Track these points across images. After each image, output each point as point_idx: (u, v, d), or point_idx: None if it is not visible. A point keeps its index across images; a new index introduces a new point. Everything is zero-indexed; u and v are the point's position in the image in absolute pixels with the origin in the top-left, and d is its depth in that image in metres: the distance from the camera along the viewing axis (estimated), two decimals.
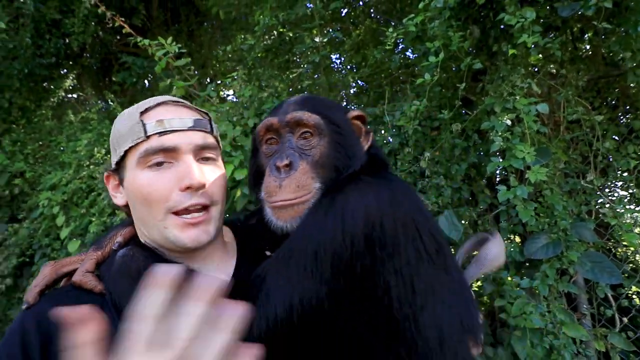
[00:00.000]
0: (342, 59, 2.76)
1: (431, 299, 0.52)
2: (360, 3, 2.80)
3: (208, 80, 5.38)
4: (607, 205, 1.64)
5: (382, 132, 1.96)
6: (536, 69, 1.89)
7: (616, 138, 1.88)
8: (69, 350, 0.38)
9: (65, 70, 4.25)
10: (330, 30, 2.60)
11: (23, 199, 3.32)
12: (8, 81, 3.24)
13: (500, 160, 1.51)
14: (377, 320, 0.53)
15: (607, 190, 1.74)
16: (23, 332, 0.58)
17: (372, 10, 2.79)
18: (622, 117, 2.12)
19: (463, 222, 1.76)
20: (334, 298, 0.50)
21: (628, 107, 2.11)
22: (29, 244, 3.19)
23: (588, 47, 2.12)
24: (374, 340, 0.54)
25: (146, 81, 4.78)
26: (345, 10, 2.68)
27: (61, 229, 2.84)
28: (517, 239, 1.85)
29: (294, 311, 0.48)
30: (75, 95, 4.80)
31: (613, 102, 2.17)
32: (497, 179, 2.00)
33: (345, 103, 2.50)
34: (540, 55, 1.62)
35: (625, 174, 1.81)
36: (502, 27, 1.64)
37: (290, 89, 2.33)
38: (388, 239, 0.51)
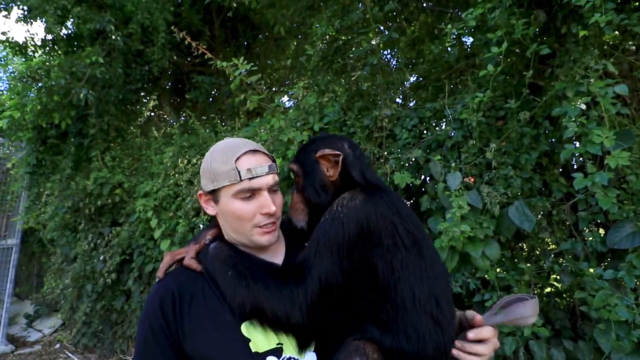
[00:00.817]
0: (397, 56, 2.79)
1: (406, 274, 0.77)
2: None
3: (264, 88, 5.69)
4: None
5: (444, 125, 1.97)
6: (613, 47, 1.77)
7: None
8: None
9: (145, 93, 4.85)
10: (384, 30, 2.65)
11: (122, 206, 3.81)
12: (106, 107, 3.80)
13: (575, 146, 1.45)
14: (370, 287, 0.79)
15: None
16: (159, 297, 0.85)
17: (424, 5, 2.78)
18: None
19: (536, 212, 1.71)
20: (343, 273, 0.78)
21: None
22: (128, 244, 3.66)
23: None
24: (368, 301, 0.79)
25: (213, 95, 5.21)
26: (399, 7, 2.71)
27: (154, 230, 3.23)
28: (601, 230, 1.75)
29: (322, 281, 0.78)
30: (155, 114, 5.43)
31: None
32: (574, 167, 1.90)
33: (402, 100, 2.54)
34: (617, 33, 1.52)
35: None
36: (570, 7, 1.57)
37: (349, 92, 2.43)
38: (373, 234, 0.78)
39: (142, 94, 4.77)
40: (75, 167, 3.98)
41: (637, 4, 1.86)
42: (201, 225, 2.89)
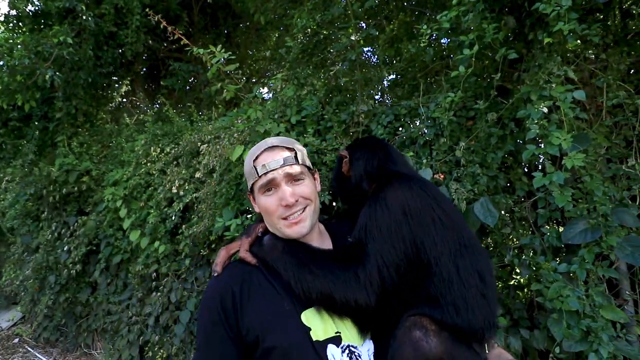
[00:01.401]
0: (376, 53, 2.83)
1: (447, 249, 0.82)
2: None
3: (244, 79, 5.63)
4: None
5: (418, 123, 2.03)
6: (575, 54, 1.88)
7: None
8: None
9: (117, 78, 4.66)
10: (364, 26, 2.68)
11: (89, 194, 3.67)
12: (74, 90, 3.62)
13: (536, 147, 1.54)
14: (417, 264, 0.84)
15: None
16: (219, 293, 0.89)
17: (405, 4, 2.83)
18: None
19: (499, 209, 1.80)
20: (396, 251, 0.83)
21: None
22: (95, 234, 3.54)
23: (635, 26, 2.05)
24: (417, 278, 0.84)
25: (189, 83, 5.08)
26: (379, 5, 2.74)
27: (123, 220, 3.14)
28: (561, 228, 1.87)
29: (379, 260, 0.82)
30: (127, 100, 5.23)
31: None
32: (539, 167, 2.01)
33: (380, 96, 2.58)
34: (579, 42, 1.62)
35: None
36: (537, 15, 1.66)
37: (327, 86, 2.45)
38: (413, 213, 0.84)
39: (114, 78, 4.58)
40: (38, 152, 3.79)
41: (599, 15, 1.98)
42: (174, 216, 2.83)
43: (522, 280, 2.06)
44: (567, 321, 1.52)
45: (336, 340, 0.84)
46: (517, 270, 1.90)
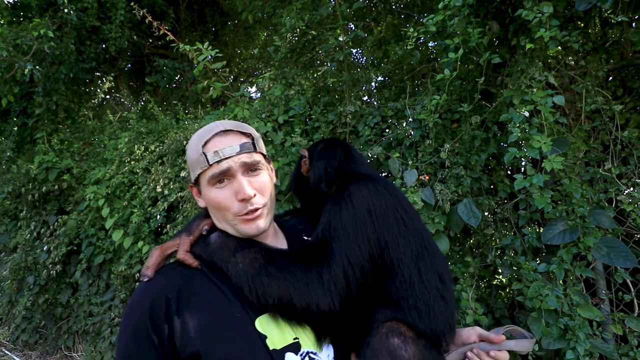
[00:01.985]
0: (364, 55, 2.85)
1: (409, 250, 0.81)
2: None
3: (232, 77, 5.57)
4: (625, 193, 1.67)
5: (404, 125, 2.05)
6: (556, 60, 1.93)
7: None
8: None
9: (100, 74, 4.55)
10: (353, 27, 2.69)
11: (70, 193, 3.57)
12: (55, 85, 3.52)
13: (518, 150, 1.58)
14: (380, 266, 0.82)
15: (625, 179, 1.77)
16: (149, 301, 0.73)
17: (393, 7, 2.85)
18: None
19: (482, 210, 1.84)
20: (362, 252, 0.80)
21: None
22: (76, 234, 3.44)
23: (616, 34, 2.12)
24: (379, 281, 0.81)
25: (175, 81, 5.00)
26: (367, 7, 2.76)
27: (106, 219, 3.07)
28: (540, 229, 1.92)
29: (345, 261, 0.78)
30: (111, 96, 5.11)
31: (638, 91, 2.17)
32: (522, 169, 2.06)
33: (367, 98, 2.60)
34: (559, 48, 1.67)
35: None
36: (520, 21, 1.70)
37: (315, 87, 2.45)
38: (379, 212, 0.82)
39: (97, 74, 4.48)
40: (17, 149, 3.67)
41: (579, 22, 2.04)
42: (158, 216, 2.79)
43: (504, 280, 2.11)
44: (545, 320, 1.56)
45: (295, 347, 0.75)
46: (499, 270, 1.95)
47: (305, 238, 0.95)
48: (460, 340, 0.89)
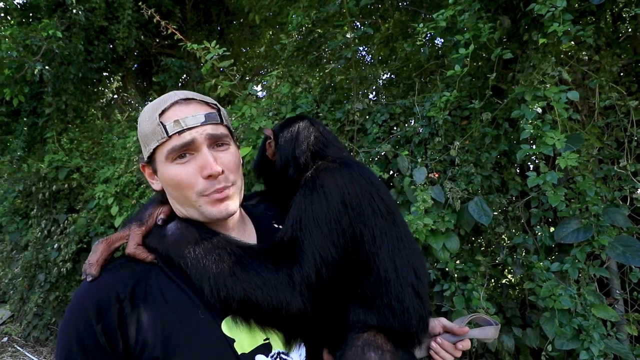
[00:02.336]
0: (371, 52, 2.82)
1: (385, 243, 0.75)
2: None
3: (238, 76, 5.58)
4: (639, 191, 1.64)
5: (413, 122, 2.03)
6: (569, 56, 1.89)
7: None
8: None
9: (108, 74, 4.58)
10: (359, 25, 2.67)
11: (80, 191, 3.61)
12: (64, 85, 3.56)
13: (530, 147, 1.55)
14: (354, 261, 0.75)
15: None
16: (95, 302, 0.63)
17: (400, 4, 2.83)
18: None
19: (493, 208, 1.81)
20: (335, 247, 0.73)
21: None
22: (86, 232, 3.48)
23: (630, 29, 2.07)
24: (352, 277, 0.76)
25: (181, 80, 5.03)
26: (375, 3, 2.73)
27: (115, 218, 3.09)
28: (551, 228, 1.89)
29: (317, 258, 0.71)
30: (119, 96, 5.15)
31: None
32: (531, 166, 2.03)
33: (375, 95, 2.58)
34: (572, 43, 1.63)
35: None
36: (532, 16, 1.67)
37: (322, 84, 2.43)
38: (353, 202, 0.74)
39: (105, 73, 4.51)
40: (27, 149, 3.72)
41: (591, 17, 2.00)
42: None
43: (513, 279, 2.09)
44: (559, 320, 1.54)
45: (265, 348, 0.69)
46: (508, 269, 1.92)
47: (276, 226, 0.87)
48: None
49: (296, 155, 0.84)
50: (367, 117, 2.16)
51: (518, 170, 2.02)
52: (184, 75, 4.78)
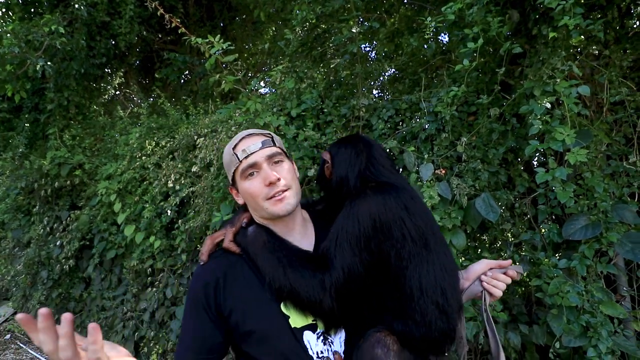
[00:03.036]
0: (376, 48, 2.79)
1: (413, 264, 0.85)
2: None
3: (242, 72, 5.55)
4: None
5: (419, 118, 2.01)
6: (578, 50, 1.87)
7: None
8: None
9: (110, 70, 4.56)
10: (364, 20, 2.64)
11: (82, 188, 3.59)
12: (66, 81, 3.53)
13: (539, 143, 1.53)
14: (384, 276, 0.87)
15: None
16: (203, 281, 0.93)
17: None
18: None
19: (500, 205, 1.79)
20: (363, 264, 0.86)
21: None
22: (88, 229, 3.48)
23: (638, 23, 2.05)
24: (383, 289, 0.88)
25: (184, 76, 5.00)
26: None
27: (118, 214, 3.09)
28: (555, 223, 1.87)
29: (345, 271, 0.86)
30: (121, 92, 5.13)
31: None
32: (535, 163, 2.01)
33: (380, 91, 2.56)
34: (582, 37, 1.61)
35: None
36: (542, 10, 1.64)
37: (327, 80, 2.41)
38: (384, 226, 0.86)
39: (107, 69, 4.49)
40: (29, 145, 3.70)
41: (599, 12, 1.97)
42: (169, 211, 2.79)
43: (522, 276, 2.07)
44: (567, 317, 1.53)
45: (312, 327, 0.91)
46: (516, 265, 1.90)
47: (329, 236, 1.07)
48: (475, 275, 1.02)
49: (348, 179, 0.99)
50: (373, 112, 2.14)
51: (523, 167, 2.00)
52: (187, 71, 4.76)
